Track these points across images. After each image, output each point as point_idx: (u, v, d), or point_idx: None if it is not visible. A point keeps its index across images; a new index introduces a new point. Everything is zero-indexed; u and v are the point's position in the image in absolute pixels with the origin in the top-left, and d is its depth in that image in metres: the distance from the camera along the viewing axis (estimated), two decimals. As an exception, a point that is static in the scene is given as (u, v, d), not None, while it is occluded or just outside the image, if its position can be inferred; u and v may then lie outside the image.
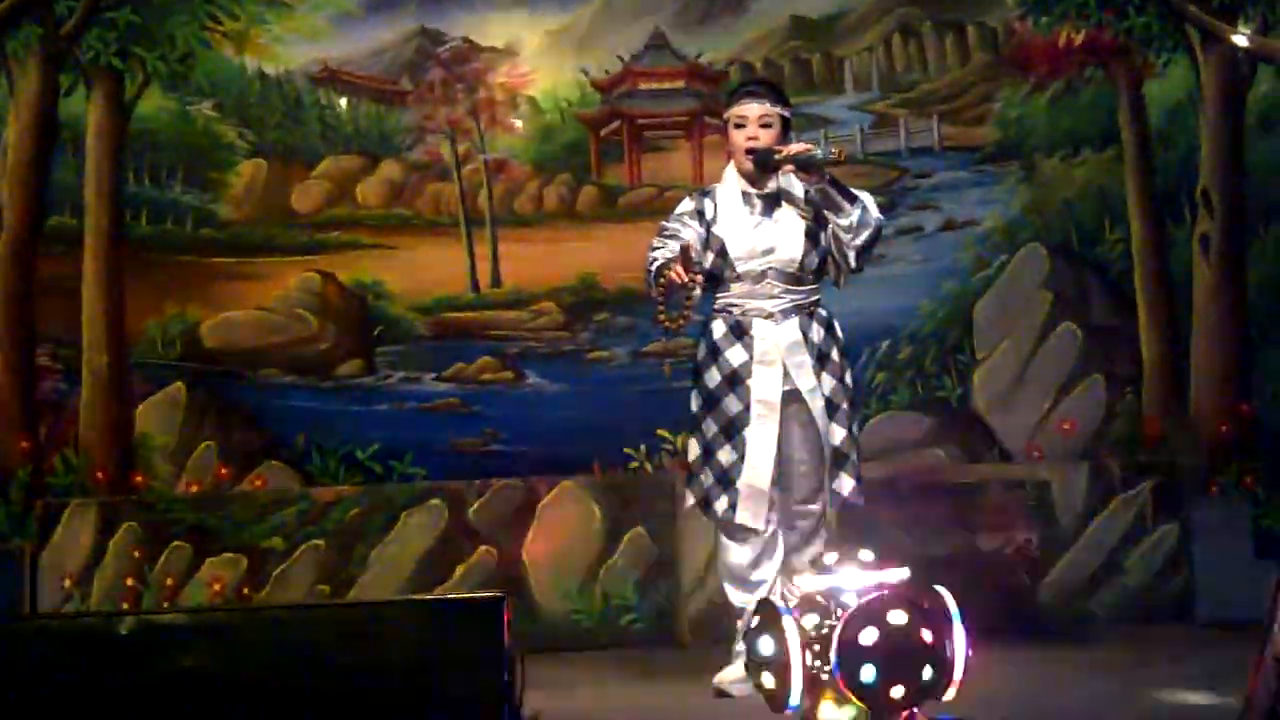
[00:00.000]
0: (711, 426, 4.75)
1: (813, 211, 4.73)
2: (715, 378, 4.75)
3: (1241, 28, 6.64)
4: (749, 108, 4.74)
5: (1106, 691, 4.64)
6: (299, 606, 4.95)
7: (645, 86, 6.95)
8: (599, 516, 6.06)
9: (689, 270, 4.32)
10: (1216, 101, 6.69)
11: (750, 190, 4.78)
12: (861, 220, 4.64)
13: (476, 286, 6.83)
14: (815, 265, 4.76)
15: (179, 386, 6.62)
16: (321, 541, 6.03)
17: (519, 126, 6.94)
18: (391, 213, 6.89)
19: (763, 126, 4.73)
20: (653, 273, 4.47)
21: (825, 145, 6.47)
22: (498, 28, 6.91)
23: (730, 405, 4.72)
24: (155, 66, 6.66)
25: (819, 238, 4.73)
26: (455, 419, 6.68)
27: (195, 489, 6.42)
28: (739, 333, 4.74)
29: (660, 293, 4.39)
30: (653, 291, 4.45)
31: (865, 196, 4.72)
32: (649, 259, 4.54)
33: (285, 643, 3.68)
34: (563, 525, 6.06)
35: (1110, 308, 6.74)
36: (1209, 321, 6.61)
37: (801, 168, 4.61)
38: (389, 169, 6.92)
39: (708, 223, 4.74)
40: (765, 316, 4.73)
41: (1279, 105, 6.74)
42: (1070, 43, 6.82)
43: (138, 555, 5.98)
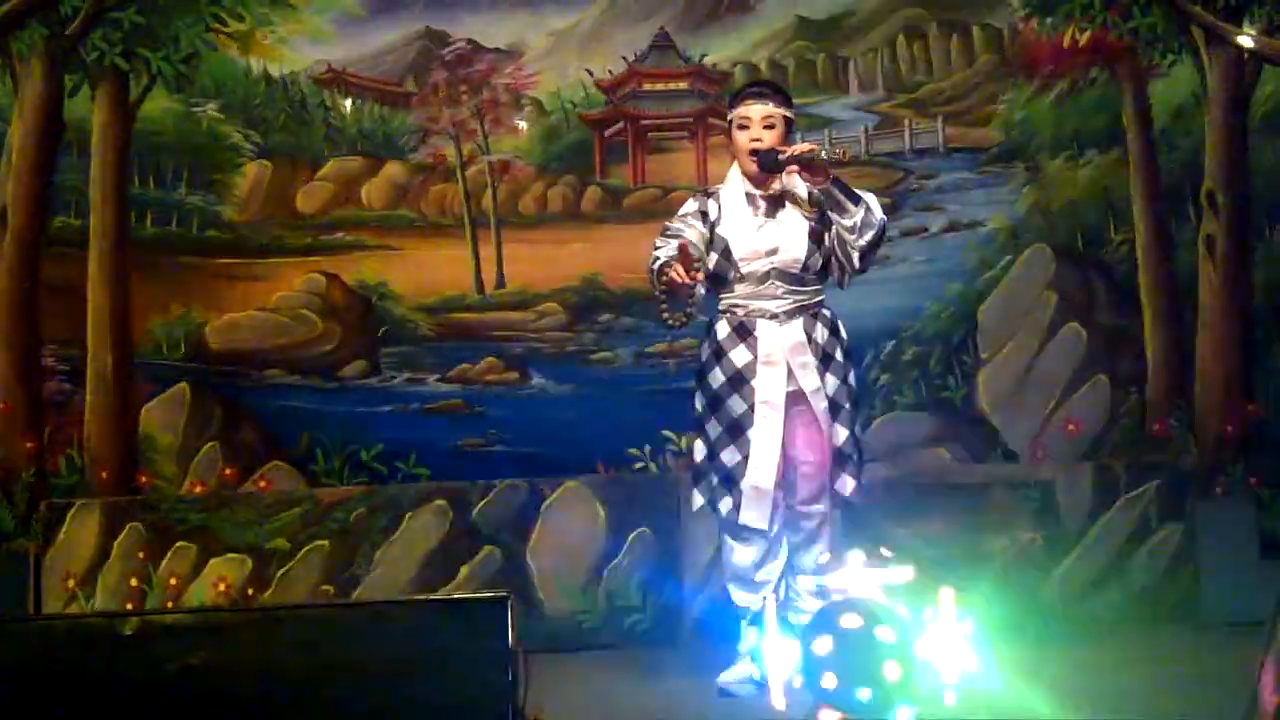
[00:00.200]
0: (716, 427, 4.75)
1: (816, 212, 4.73)
2: (719, 378, 4.75)
3: (1246, 28, 6.63)
4: (752, 109, 4.75)
5: (1109, 693, 4.63)
6: (303, 607, 4.93)
7: (649, 87, 6.95)
8: (603, 517, 6.05)
9: (689, 268, 4.33)
10: (1221, 102, 6.68)
11: (754, 191, 4.78)
12: (865, 221, 4.65)
13: (481, 287, 6.83)
14: (819, 266, 4.77)
15: (183, 387, 6.62)
16: (325, 542, 6.03)
17: (523, 128, 6.94)
18: (396, 214, 6.89)
19: (766, 127, 4.74)
20: (655, 271, 4.49)
21: (829, 146, 6.48)
22: (502, 29, 6.91)
23: (734, 406, 4.72)
24: (160, 67, 6.66)
25: (822, 238, 4.74)
26: (459, 420, 6.68)
27: (199, 489, 6.41)
28: (743, 333, 4.75)
29: (662, 291, 4.41)
30: (655, 290, 4.47)
31: (869, 197, 4.72)
32: (652, 258, 4.56)
33: (289, 643, 3.67)
34: (567, 526, 6.05)
35: (1115, 308, 6.73)
36: (1214, 322, 6.61)
37: (805, 168, 4.62)
38: (393, 170, 6.92)
39: (711, 223, 4.75)
40: (769, 317, 4.74)
41: (1284, 106, 6.75)
42: (1075, 43, 6.81)
43: (142, 555, 5.97)
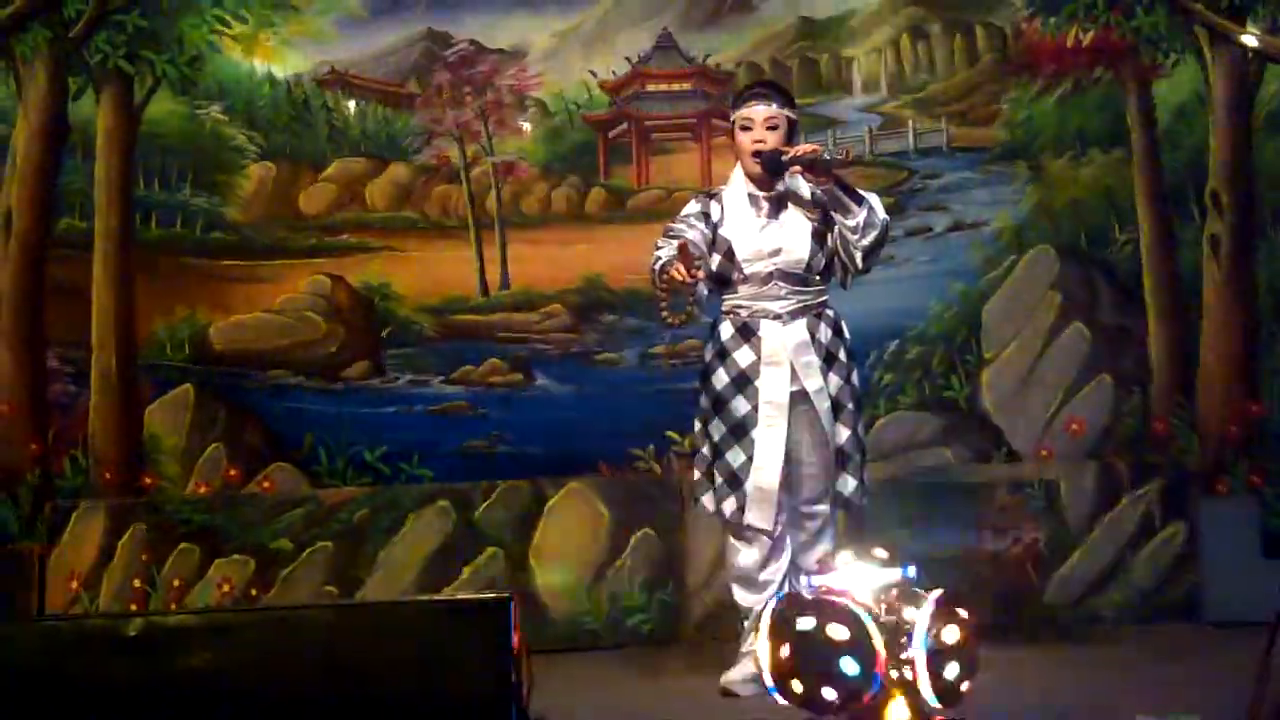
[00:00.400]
0: (720, 428, 4.75)
1: (819, 213, 4.73)
2: (723, 379, 4.75)
3: (1250, 27, 6.63)
4: (755, 110, 4.75)
5: (1112, 691, 4.63)
6: (307, 607, 4.95)
7: (653, 88, 6.94)
8: (606, 517, 6.06)
9: (690, 267, 4.33)
10: (1225, 102, 6.66)
11: (757, 192, 4.78)
12: (868, 221, 4.65)
13: (485, 289, 6.81)
14: (822, 266, 4.77)
15: (188, 388, 6.61)
16: (329, 543, 6.05)
17: (526, 129, 6.93)
18: (399, 215, 6.87)
19: (769, 128, 4.73)
20: (656, 271, 4.49)
21: (832, 146, 6.48)
22: (505, 30, 6.90)
23: (738, 406, 4.72)
24: (164, 70, 6.66)
25: (825, 239, 4.74)
26: (463, 421, 6.67)
27: (204, 491, 6.41)
28: (747, 334, 4.75)
29: (663, 290, 4.41)
30: (656, 290, 4.47)
31: (872, 197, 4.72)
32: (653, 259, 4.55)
33: (293, 644, 3.68)
34: (570, 526, 6.07)
35: (1119, 308, 6.70)
36: (1217, 322, 6.60)
37: (809, 169, 4.61)
38: (397, 171, 6.91)
39: (714, 224, 4.75)
40: (773, 318, 4.74)
41: (1288, 105, 6.74)
42: (1078, 43, 6.79)
43: (146, 557, 6.00)
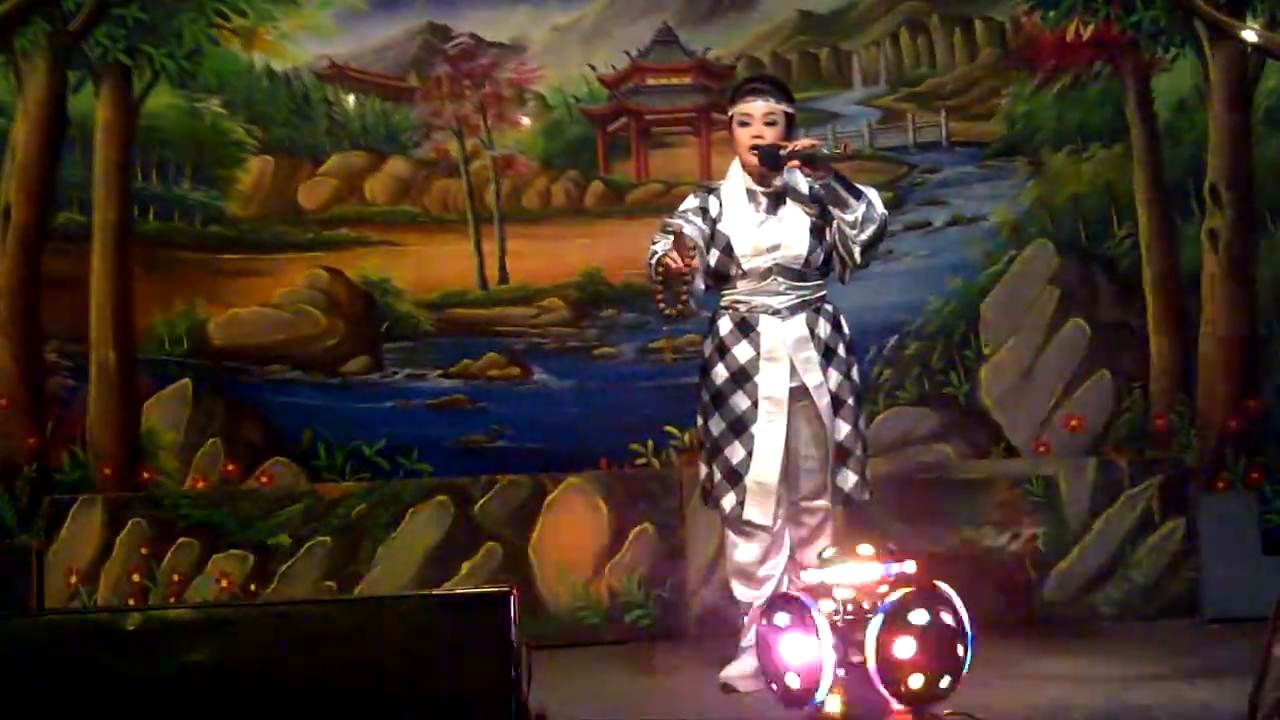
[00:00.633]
0: (719, 423, 4.75)
1: (818, 207, 4.73)
2: (723, 374, 4.75)
3: (1249, 22, 6.62)
4: (753, 105, 4.75)
5: (1112, 687, 4.63)
6: (306, 602, 4.93)
7: (653, 82, 6.92)
8: (605, 512, 6.05)
9: (684, 255, 4.32)
10: (1224, 96, 6.66)
11: (755, 187, 4.78)
12: (866, 215, 4.66)
13: (484, 283, 6.80)
14: (820, 261, 4.77)
15: (186, 383, 6.60)
16: (328, 538, 6.03)
17: (526, 123, 6.91)
18: (399, 209, 6.86)
19: (768, 124, 4.74)
20: (652, 264, 4.48)
21: (831, 140, 6.46)
22: (505, 23, 6.88)
23: (738, 402, 4.72)
24: (163, 63, 6.65)
25: (824, 234, 4.74)
26: (462, 415, 6.67)
27: (202, 485, 6.41)
28: (746, 329, 4.74)
29: (659, 281, 4.40)
30: (652, 282, 4.46)
31: (870, 192, 4.73)
32: (650, 253, 4.54)
33: (292, 638, 3.66)
34: (569, 521, 6.06)
35: (1118, 304, 6.71)
36: (1217, 317, 6.60)
37: (807, 163, 4.62)
38: (396, 165, 6.89)
39: (712, 220, 4.75)
40: (772, 313, 4.73)
41: (1287, 100, 6.73)
42: (1078, 37, 6.78)
43: (145, 551, 5.98)
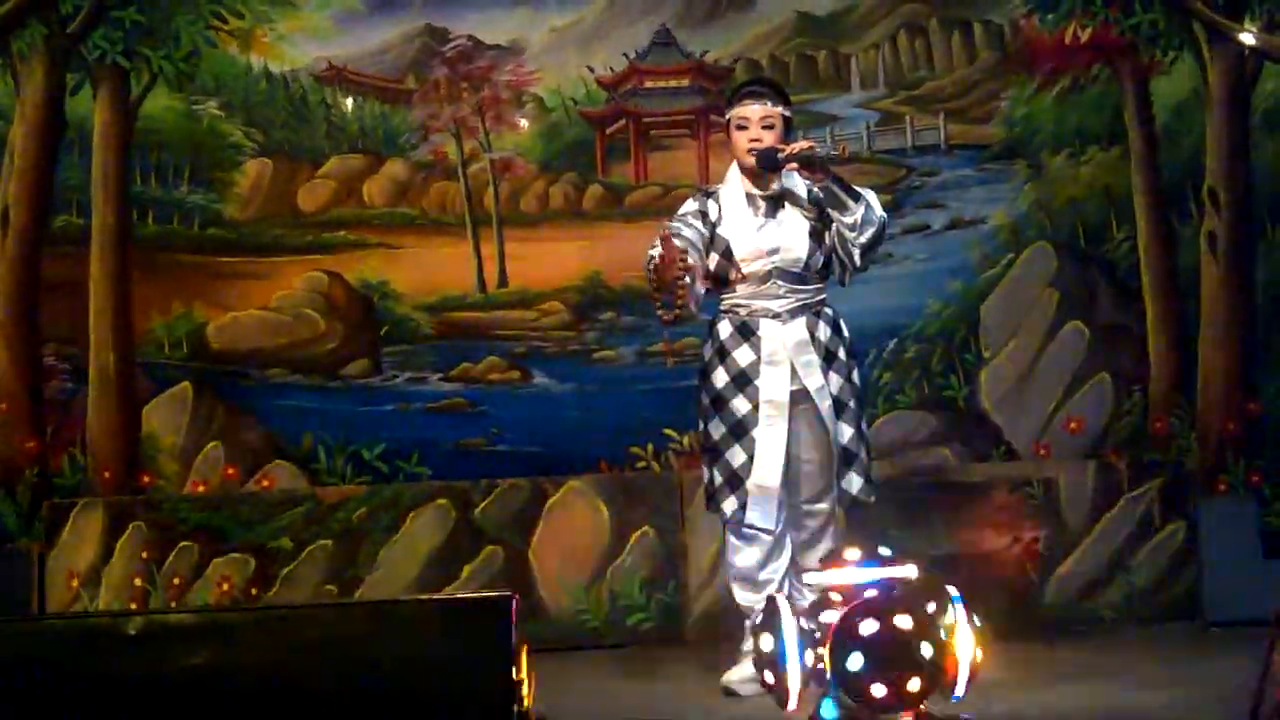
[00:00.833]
0: (720, 427, 4.74)
1: (816, 210, 4.73)
2: (723, 378, 4.74)
3: (1248, 25, 6.62)
4: (751, 109, 4.75)
5: (1112, 691, 4.62)
6: (306, 606, 4.93)
7: (651, 84, 6.92)
8: (606, 516, 6.05)
9: (674, 255, 4.31)
10: (1223, 99, 6.66)
11: (754, 191, 4.78)
12: (865, 218, 4.65)
13: (483, 286, 6.79)
14: (820, 264, 4.76)
15: (185, 386, 6.59)
16: (328, 541, 6.03)
17: (524, 125, 6.91)
18: (397, 212, 6.86)
19: (765, 127, 4.73)
20: (649, 269, 4.47)
21: (829, 143, 6.46)
22: (503, 26, 6.88)
23: (739, 406, 4.71)
24: (161, 65, 6.64)
25: (823, 237, 4.73)
26: (462, 419, 6.66)
27: (202, 489, 6.40)
28: (746, 333, 4.74)
29: (653, 283, 4.40)
30: (649, 285, 4.46)
31: (869, 194, 4.72)
32: (647, 258, 4.51)
33: (292, 643, 3.65)
34: (570, 525, 6.06)
35: (1117, 306, 6.70)
36: (1216, 320, 6.59)
37: (805, 166, 4.61)
38: (395, 168, 6.89)
39: (712, 224, 4.74)
40: (772, 316, 4.73)
41: (1286, 103, 6.73)
42: (1076, 40, 6.79)
43: (145, 555, 5.97)
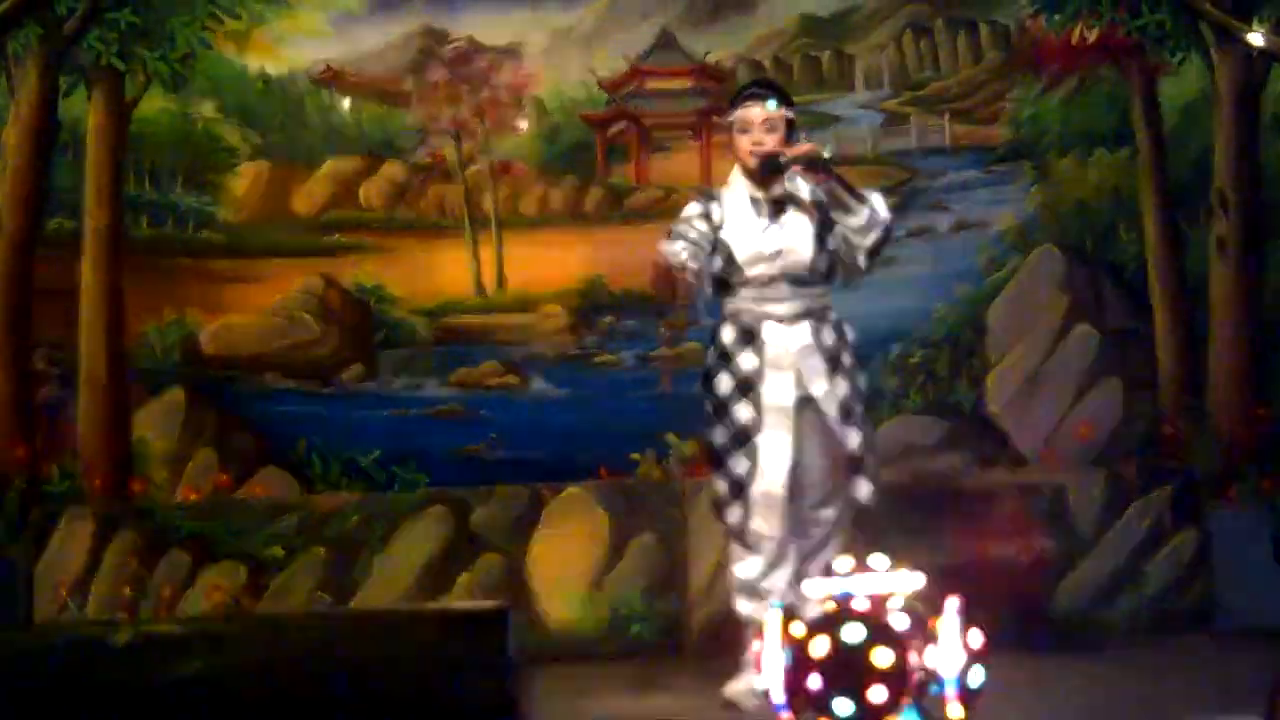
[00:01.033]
0: (723, 434, 4.70)
1: (820, 213, 4.68)
2: (727, 384, 4.70)
3: (1256, 26, 6.57)
4: (753, 111, 4.73)
5: (1124, 702, 4.58)
6: (299, 615, 4.92)
7: (652, 86, 6.93)
8: (605, 523, 6.04)
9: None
10: (1231, 101, 6.62)
11: (757, 194, 4.76)
12: (870, 220, 4.64)
13: (481, 290, 6.79)
14: (824, 268, 4.74)
15: (178, 392, 6.58)
16: (322, 549, 6.02)
17: (524, 127, 6.92)
18: (395, 215, 6.86)
19: (768, 130, 4.72)
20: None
21: (832, 145, 6.42)
22: (502, 27, 6.88)
23: (742, 412, 4.67)
24: (156, 67, 6.62)
25: (827, 240, 4.71)
26: (459, 424, 6.64)
27: (194, 496, 6.38)
28: (749, 338, 4.71)
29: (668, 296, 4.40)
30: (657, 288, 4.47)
31: (874, 196, 4.71)
32: (672, 251, 4.47)
33: (285, 652, 3.66)
34: (568, 532, 6.05)
35: (1126, 310, 6.69)
36: (1226, 323, 6.55)
37: (808, 168, 4.60)
38: (392, 170, 6.89)
39: (715, 227, 4.71)
40: (775, 321, 4.69)
41: (1293, 104, 6.69)
42: (1083, 41, 6.78)
43: (135, 564, 5.97)
